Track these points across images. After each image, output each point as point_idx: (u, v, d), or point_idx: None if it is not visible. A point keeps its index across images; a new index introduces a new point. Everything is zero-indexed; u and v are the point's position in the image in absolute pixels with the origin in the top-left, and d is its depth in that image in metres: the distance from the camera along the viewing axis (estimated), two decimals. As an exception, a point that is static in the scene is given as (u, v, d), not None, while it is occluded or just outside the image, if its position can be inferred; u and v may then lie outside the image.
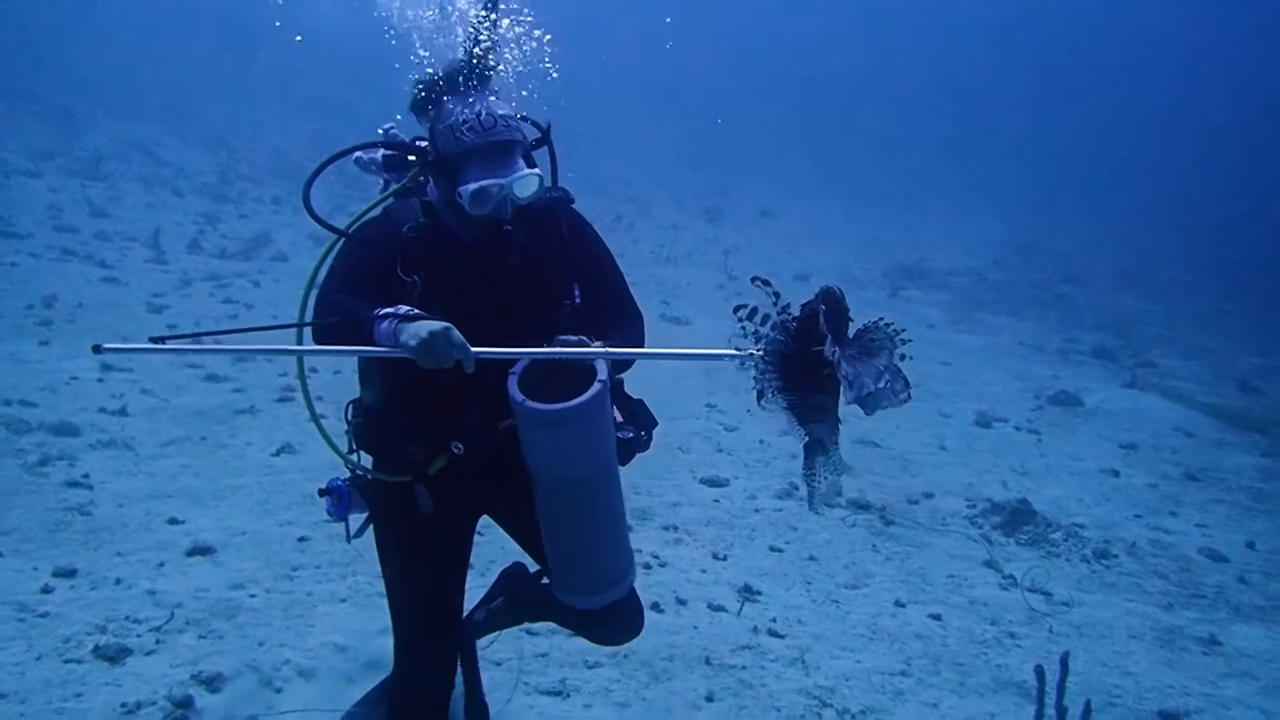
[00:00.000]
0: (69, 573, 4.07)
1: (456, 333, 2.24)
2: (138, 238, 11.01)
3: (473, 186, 2.41)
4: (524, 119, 2.65)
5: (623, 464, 2.74)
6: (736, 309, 2.11)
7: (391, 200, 2.66)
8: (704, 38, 41.17)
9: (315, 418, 2.67)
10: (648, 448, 2.73)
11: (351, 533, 2.78)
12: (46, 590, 3.92)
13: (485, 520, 2.85)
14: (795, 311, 2.13)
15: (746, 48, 40.99)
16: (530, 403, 2.32)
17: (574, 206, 2.77)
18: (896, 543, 5.39)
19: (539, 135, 2.67)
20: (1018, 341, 10.93)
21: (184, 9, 28.73)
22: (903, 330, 2.06)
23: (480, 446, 2.52)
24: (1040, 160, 27.72)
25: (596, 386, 2.35)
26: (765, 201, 20.60)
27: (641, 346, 2.69)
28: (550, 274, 2.59)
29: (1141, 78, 38.90)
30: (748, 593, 4.64)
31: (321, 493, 2.74)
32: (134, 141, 17.32)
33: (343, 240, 2.56)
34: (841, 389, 2.02)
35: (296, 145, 20.27)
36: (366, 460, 2.73)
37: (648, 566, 4.84)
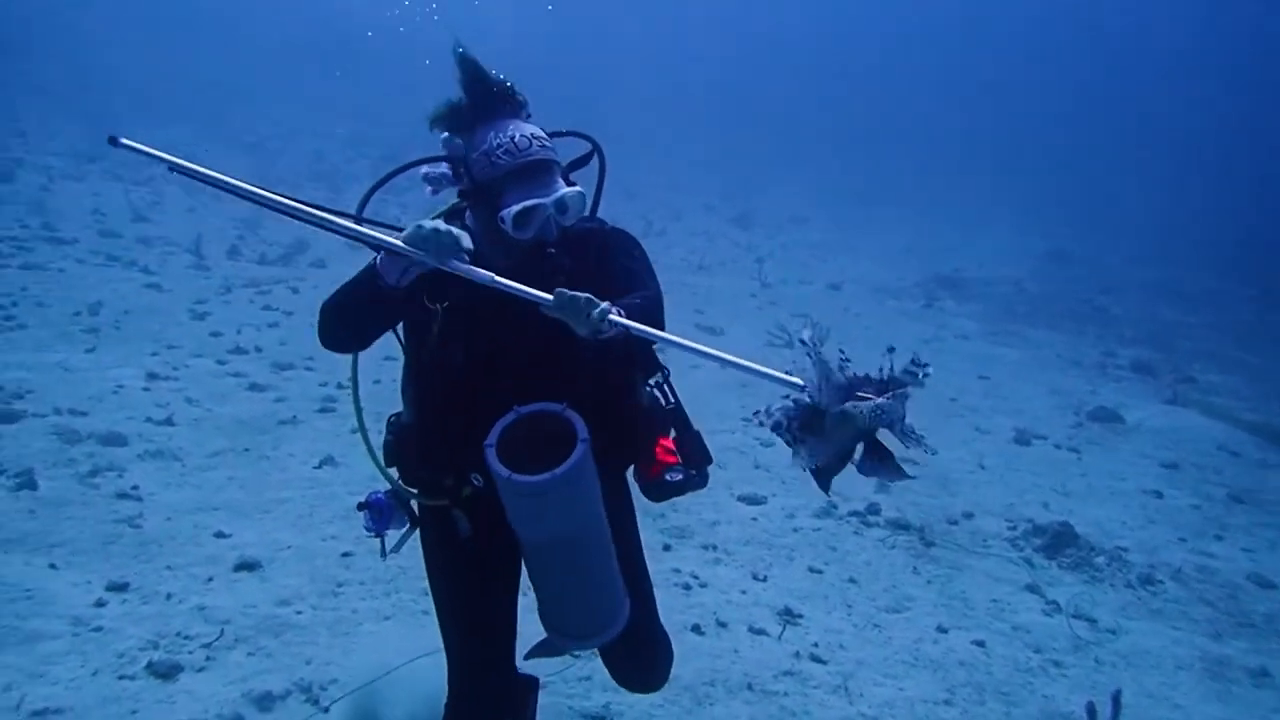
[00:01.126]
0: (121, 586, 4.13)
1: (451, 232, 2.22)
2: (179, 243, 11.15)
3: (516, 208, 2.38)
4: (569, 134, 2.63)
5: (660, 499, 2.72)
6: (756, 413, 2.21)
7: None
8: (733, 40, 41.23)
9: (363, 428, 2.68)
10: (703, 486, 2.71)
11: (388, 549, 2.77)
12: (100, 604, 3.98)
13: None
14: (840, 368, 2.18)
15: (775, 50, 40.97)
16: (512, 475, 2.27)
17: (607, 230, 2.72)
18: (937, 565, 5.36)
19: (583, 153, 2.65)
20: (1055, 355, 10.82)
21: (222, 12, 29.11)
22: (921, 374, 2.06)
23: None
24: (1074, 168, 27.48)
25: (579, 450, 2.32)
26: (796, 207, 20.56)
27: (658, 320, 2.56)
28: (590, 291, 2.49)
29: (1172, 84, 38.46)
30: (788, 615, 4.63)
31: (360, 506, 2.73)
32: (173, 144, 17.46)
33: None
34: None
35: (333, 148, 20.48)
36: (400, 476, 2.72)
37: (688, 587, 4.84)
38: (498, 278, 2.22)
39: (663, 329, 2.52)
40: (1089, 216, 21.66)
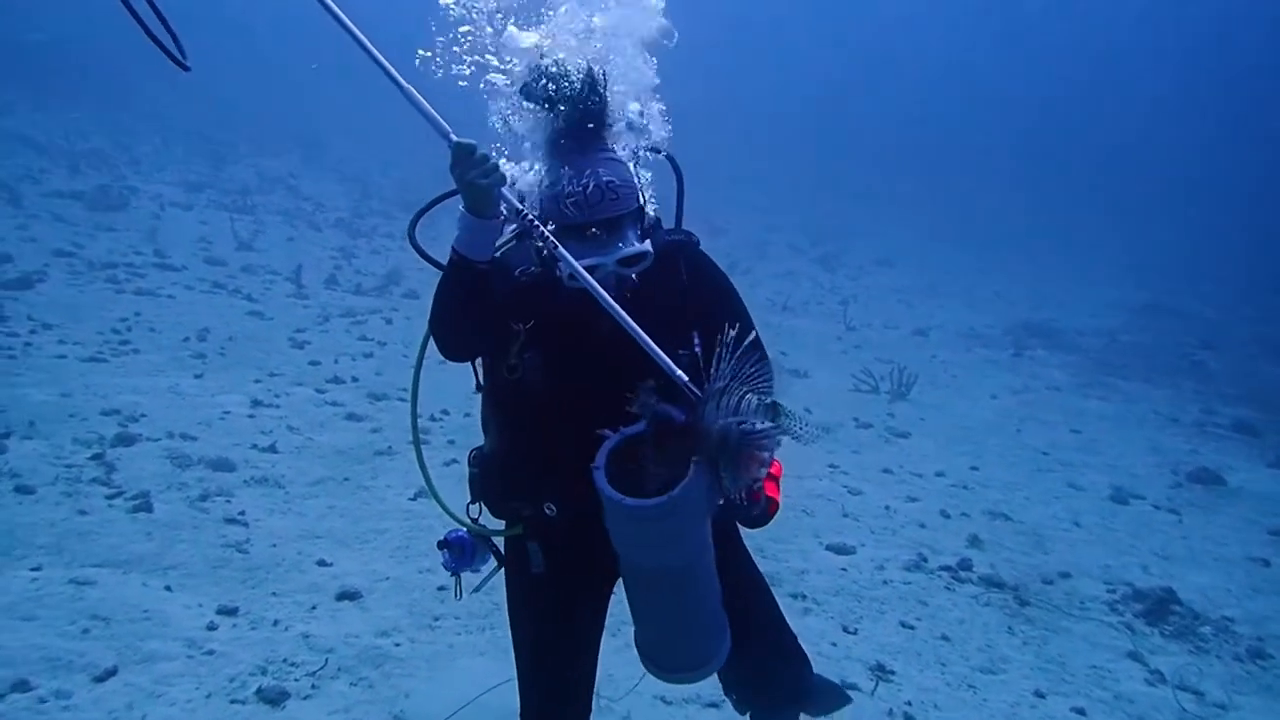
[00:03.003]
0: (231, 611, 4.28)
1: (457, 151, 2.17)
2: (280, 272, 11.56)
3: (566, 268, 2.27)
4: (654, 151, 2.53)
5: (762, 525, 2.56)
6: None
7: (513, 242, 2.53)
8: (818, 79, 41.24)
9: (424, 469, 2.69)
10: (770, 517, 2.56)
11: (470, 589, 2.73)
12: (212, 627, 4.13)
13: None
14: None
15: (862, 89, 40.86)
16: (622, 498, 2.16)
17: (700, 248, 2.61)
18: (1033, 626, 5.24)
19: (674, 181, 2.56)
20: (1152, 410, 10.52)
21: (313, 42, 30.07)
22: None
23: (571, 511, 2.42)
24: (1170, 217, 26.75)
25: (695, 469, 2.19)
26: (882, 249, 20.40)
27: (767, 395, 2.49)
28: (666, 321, 2.38)
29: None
30: (880, 671, 4.57)
31: (441, 545, 2.69)
32: (274, 175, 18.23)
33: None
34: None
35: (425, 178, 21.01)
36: (481, 513, 2.66)
37: (778, 636, 4.81)
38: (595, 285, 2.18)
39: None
40: (1185, 267, 21.04)
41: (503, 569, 2.69)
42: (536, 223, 2.24)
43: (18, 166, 13.67)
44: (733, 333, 2.15)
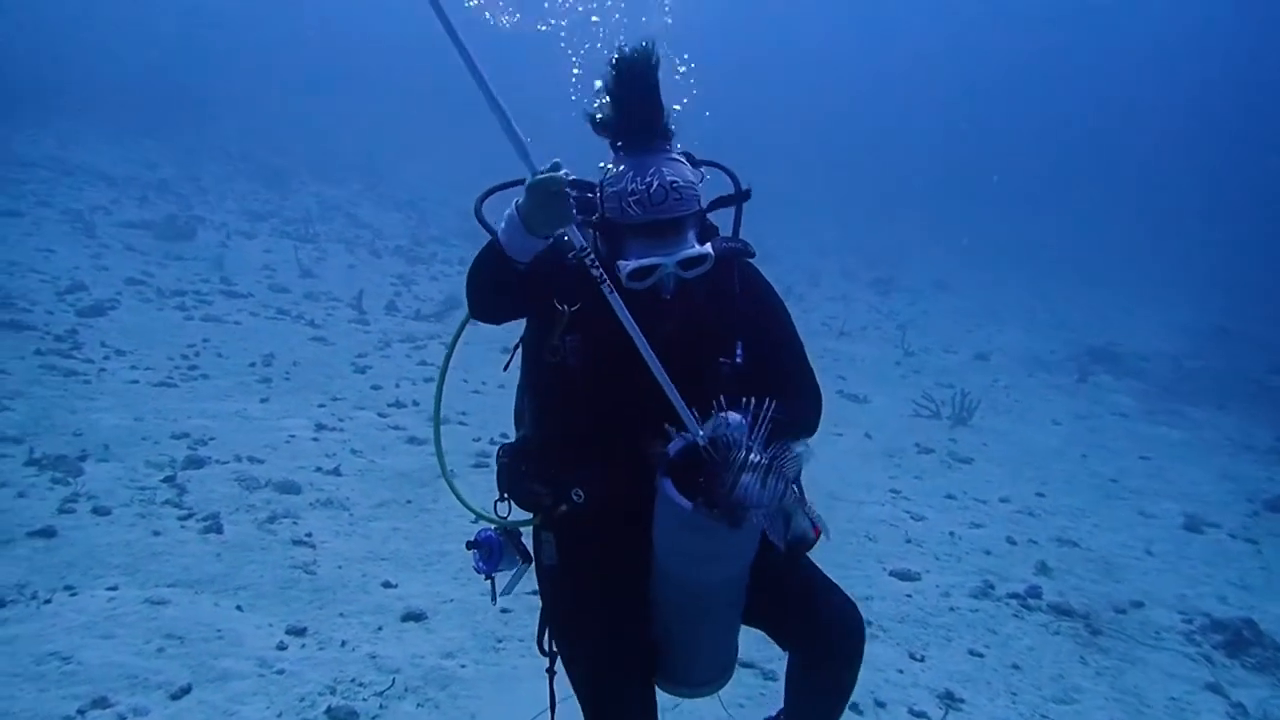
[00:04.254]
0: (300, 631, 4.32)
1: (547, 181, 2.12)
2: (341, 298, 11.75)
3: (633, 265, 2.29)
4: (709, 164, 2.49)
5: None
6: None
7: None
8: (873, 104, 41.11)
9: (443, 465, 2.71)
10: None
11: (496, 595, 2.68)
12: (281, 647, 4.17)
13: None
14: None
15: (905, 114, 40.63)
16: (686, 502, 2.10)
17: (752, 261, 2.60)
18: (1106, 656, 5.10)
19: (732, 192, 2.52)
20: (1223, 437, 10.24)
21: (372, 73, 30.73)
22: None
23: (599, 499, 2.38)
24: (1234, 240, 26.10)
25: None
26: (937, 272, 20.21)
27: (811, 429, 2.49)
28: (712, 328, 2.43)
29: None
30: (949, 700, 4.48)
31: (470, 545, 2.65)
32: (335, 203, 18.58)
33: None
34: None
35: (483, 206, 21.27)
36: (510, 510, 2.63)
37: (843, 663, 4.74)
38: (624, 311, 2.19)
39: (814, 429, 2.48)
40: (1249, 289, 20.50)
41: (531, 565, 2.63)
42: (592, 260, 2.23)
43: (91, 198, 14.10)
44: (769, 407, 2.10)
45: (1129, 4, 42.15)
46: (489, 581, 2.71)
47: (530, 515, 2.58)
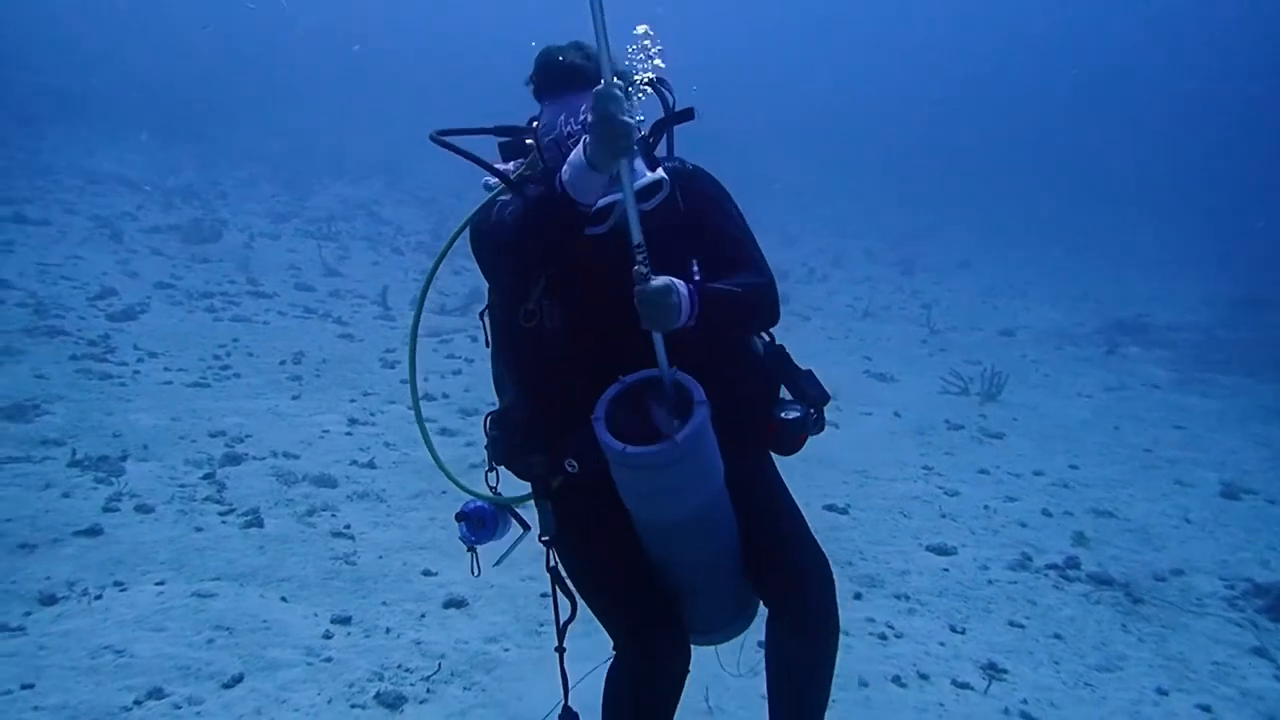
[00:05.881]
0: (345, 619, 4.38)
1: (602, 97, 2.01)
2: (366, 295, 11.84)
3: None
4: (648, 85, 2.37)
5: (791, 450, 2.53)
6: None
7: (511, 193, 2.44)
8: (885, 83, 40.84)
9: (426, 435, 2.70)
10: (820, 429, 2.51)
11: (479, 567, 2.66)
12: (328, 636, 4.23)
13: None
14: None
15: (931, 91, 40.33)
16: (621, 445, 2.10)
17: (694, 169, 2.50)
18: (1148, 623, 5.08)
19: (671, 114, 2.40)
20: (1258, 405, 10.12)
21: (390, 73, 30.84)
22: None
23: (593, 466, 2.29)
24: (1263, 207, 25.75)
25: (697, 414, 2.12)
26: (962, 251, 20.07)
27: (761, 303, 2.42)
28: (667, 254, 2.29)
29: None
30: (993, 670, 4.47)
31: (459, 517, 2.62)
32: (356, 202, 18.68)
33: (471, 232, 2.45)
34: None
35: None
36: (499, 481, 2.62)
37: (883, 637, 4.75)
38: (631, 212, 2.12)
39: (762, 319, 2.45)
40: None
41: (528, 532, 2.61)
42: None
43: (117, 205, 14.25)
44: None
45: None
46: (470, 553, 2.71)
47: (526, 489, 2.57)
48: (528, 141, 2.43)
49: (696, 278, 2.34)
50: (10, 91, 18.46)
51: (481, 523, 2.61)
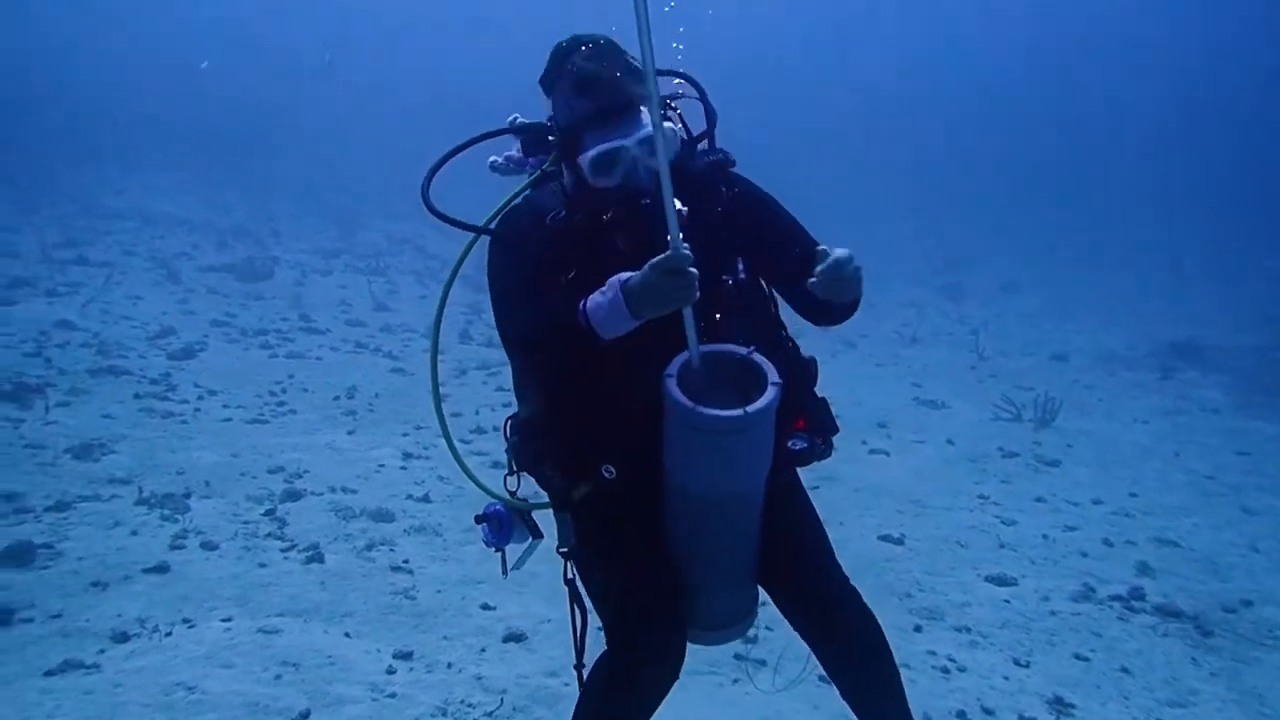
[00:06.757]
0: (407, 655, 4.42)
1: (674, 260, 1.94)
2: (416, 329, 11.99)
3: (591, 153, 2.19)
4: (666, 73, 2.38)
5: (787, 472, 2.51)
6: None
7: (529, 191, 2.47)
8: (926, 108, 40.71)
9: (450, 441, 2.66)
10: (827, 455, 2.47)
11: (509, 565, 2.62)
12: (390, 671, 4.27)
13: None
14: None
15: (973, 114, 40.14)
16: (696, 405, 2.06)
17: (735, 171, 2.46)
18: (1219, 656, 4.97)
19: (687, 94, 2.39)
20: (1325, 429, 9.90)
21: (426, 109, 31.30)
22: None
23: (637, 471, 2.26)
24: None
25: (772, 391, 2.11)
26: (1007, 274, 19.90)
27: (854, 311, 2.44)
28: (710, 248, 2.25)
29: None
30: (1060, 705, 4.39)
31: (479, 519, 2.57)
32: (402, 236, 18.96)
33: (491, 240, 2.40)
34: None
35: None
36: (520, 485, 2.58)
37: (946, 671, 4.69)
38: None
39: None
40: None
41: (541, 540, 2.58)
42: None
43: (174, 245, 14.61)
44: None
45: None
46: (499, 554, 2.67)
47: (547, 496, 2.53)
48: (550, 138, 2.42)
49: (741, 275, 2.33)
50: (68, 134, 19.09)
51: (500, 525, 2.59)
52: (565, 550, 2.50)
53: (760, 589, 2.59)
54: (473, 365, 10.58)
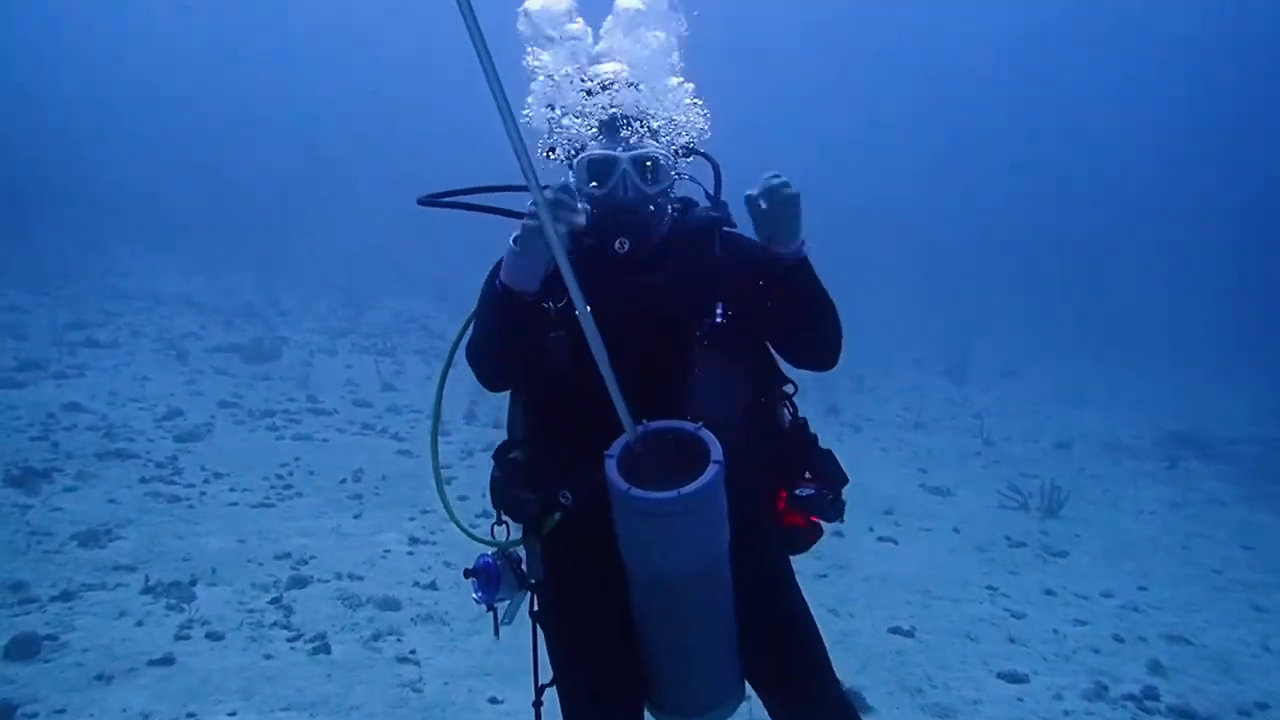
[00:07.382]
0: (414, 753, 4.36)
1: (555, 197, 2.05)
2: (422, 410, 12.02)
3: (584, 156, 2.29)
4: (695, 152, 2.48)
5: (803, 544, 2.47)
6: None
7: None
8: (924, 186, 41.33)
9: (442, 491, 2.68)
10: (840, 515, 2.43)
11: (499, 628, 2.57)
12: (398, 770, 4.21)
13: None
14: None
15: (973, 197, 40.74)
16: (631, 489, 2.04)
17: (732, 230, 2.53)
18: (1236, 761, 4.90)
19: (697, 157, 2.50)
20: (1330, 523, 9.88)
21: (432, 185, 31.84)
22: None
23: (586, 498, 2.28)
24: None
25: (712, 470, 2.06)
26: (1009, 359, 20.03)
27: (837, 326, 2.46)
28: (691, 290, 2.35)
29: None
30: (1077, 812, 4.32)
31: (468, 573, 2.53)
32: (408, 315, 19.12)
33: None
34: None
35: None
36: (509, 533, 2.55)
37: (960, 774, 4.62)
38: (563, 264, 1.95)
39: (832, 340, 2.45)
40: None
41: (528, 592, 2.54)
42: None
43: (182, 325, 14.74)
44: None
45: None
46: (490, 613, 2.60)
47: (521, 531, 2.51)
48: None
49: (719, 319, 2.35)
50: (82, 216, 19.42)
51: (489, 578, 2.51)
52: (534, 581, 2.49)
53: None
54: (479, 447, 10.58)
